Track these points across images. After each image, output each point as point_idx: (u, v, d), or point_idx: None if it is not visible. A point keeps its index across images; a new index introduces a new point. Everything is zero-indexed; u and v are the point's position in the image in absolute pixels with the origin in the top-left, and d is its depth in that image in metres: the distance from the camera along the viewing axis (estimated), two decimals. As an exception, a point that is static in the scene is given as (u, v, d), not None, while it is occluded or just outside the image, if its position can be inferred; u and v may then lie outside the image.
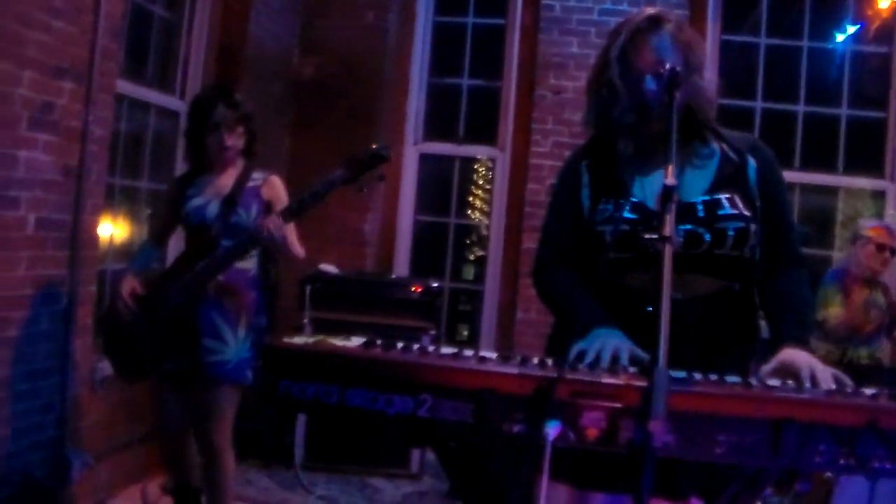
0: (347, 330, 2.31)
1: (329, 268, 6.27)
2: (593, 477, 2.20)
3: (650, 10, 2.52)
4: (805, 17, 7.17)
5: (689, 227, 2.37)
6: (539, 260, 2.67)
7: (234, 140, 4.24)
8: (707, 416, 1.84)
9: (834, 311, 5.61)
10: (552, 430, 1.81)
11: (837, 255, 6.78)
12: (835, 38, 7.10)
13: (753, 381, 2.00)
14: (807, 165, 7.11)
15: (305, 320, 5.75)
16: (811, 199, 7.14)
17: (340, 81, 7.13)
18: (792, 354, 2.22)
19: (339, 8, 7.21)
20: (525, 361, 2.02)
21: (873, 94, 7.09)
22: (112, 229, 5.43)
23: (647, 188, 2.44)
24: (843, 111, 7.10)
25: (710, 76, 2.63)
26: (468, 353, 2.07)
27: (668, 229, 1.83)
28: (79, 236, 4.63)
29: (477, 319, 7.35)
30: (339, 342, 2.10)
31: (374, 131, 7.10)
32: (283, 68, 7.08)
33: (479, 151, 7.52)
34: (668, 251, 1.79)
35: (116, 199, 5.51)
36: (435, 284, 6.07)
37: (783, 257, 2.51)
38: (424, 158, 7.49)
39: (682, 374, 1.96)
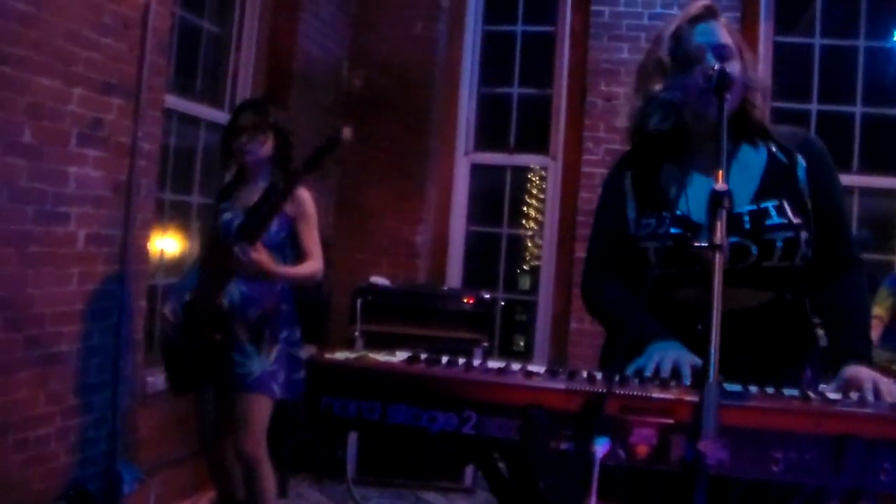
0: (399, 343, 2.26)
1: (380, 280, 6.26)
2: (644, 498, 2.12)
3: (705, 1, 2.46)
4: (861, 16, 7.02)
5: (735, 239, 2.26)
6: (586, 274, 2.60)
7: (256, 147, 4.26)
8: (763, 431, 1.75)
9: (880, 311, 5.50)
10: (601, 447, 1.74)
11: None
12: (892, 36, 6.96)
13: (812, 395, 1.91)
14: (866, 168, 6.94)
15: (357, 333, 5.74)
16: (871, 203, 6.96)
17: (391, 92, 7.15)
18: (855, 371, 2.13)
19: (389, 19, 7.24)
20: (573, 376, 1.95)
21: (934, 93, 6.92)
22: (163, 244, 5.46)
23: (692, 199, 2.35)
24: (902, 112, 6.94)
25: (762, 74, 2.56)
26: (514, 367, 2.01)
27: (718, 237, 1.75)
28: (129, 251, 4.66)
29: (531, 330, 7.28)
30: (382, 357, 2.05)
31: (425, 141, 7.15)
32: (334, 80, 7.10)
33: (531, 160, 7.47)
34: (718, 260, 1.72)
35: (167, 214, 5.54)
36: (487, 296, 6.02)
37: (838, 260, 2.42)
38: (476, 168, 7.45)
39: (737, 387, 1.89)
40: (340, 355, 2.07)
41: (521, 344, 7.38)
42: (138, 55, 4.65)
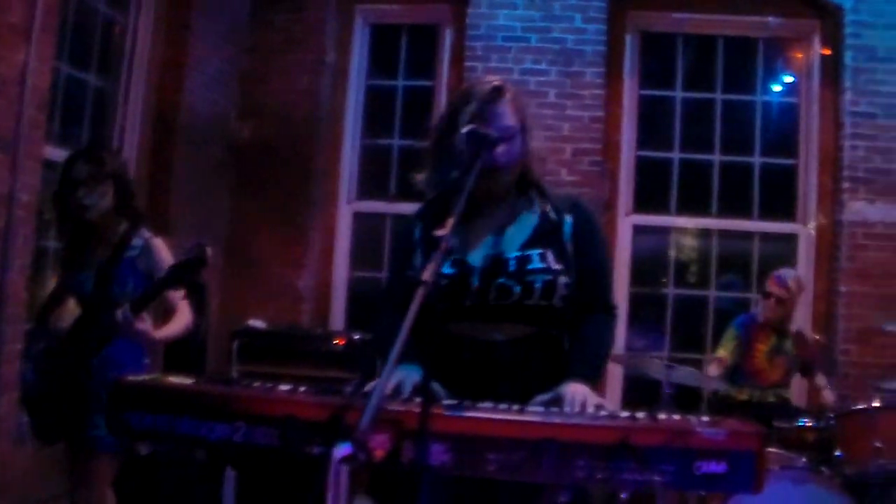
0: (280, 382, 2.49)
1: (257, 323, 6.51)
2: (390, 493, 2.44)
3: (495, 82, 2.82)
4: (717, 71, 7.52)
5: (502, 280, 2.66)
6: (379, 314, 2.95)
7: (95, 199, 4.08)
8: (479, 437, 2.10)
9: (723, 353, 5.95)
10: (341, 450, 2.05)
11: (755, 298, 7.00)
12: (748, 89, 7.47)
13: (523, 408, 2.26)
14: (724, 212, 7.42)
15: (234, 374, 5.98)
16: (729, 245, 7.42)
17: (277, 143, 7.44)
18: (569, 388, 2.51)
19: (276, 73, 7.54)
20: (325, 391, 2.29)
21: (783, 142, 7.43)
22: (39, 289, 5.66)
23: (468, 246, 2.74)
24: (756, 159, 7.42)
25: (541, 138, 2.95)
26: (283, 386, 2.34)
27: (426, 274, 2.10)
28: (5, 296, 4.83)
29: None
30: (175, 379, 2.37)
31: (309, 190, 7.43)
32: (222, 132, 7.36)
33: (411, 209, 7.62)
34: (420, 292, 2.06)
35: (49, 262, 5.74)
36: (357, 336, 6.28)
37: (593, 304, 2.80)
38: (358, 216, 7.73)
39: (455, 401, 2.23)
40: (138, 378, 2.39)
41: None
42: (17, 110, 4.84)
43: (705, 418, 2.18)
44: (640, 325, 7.34)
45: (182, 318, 4.23)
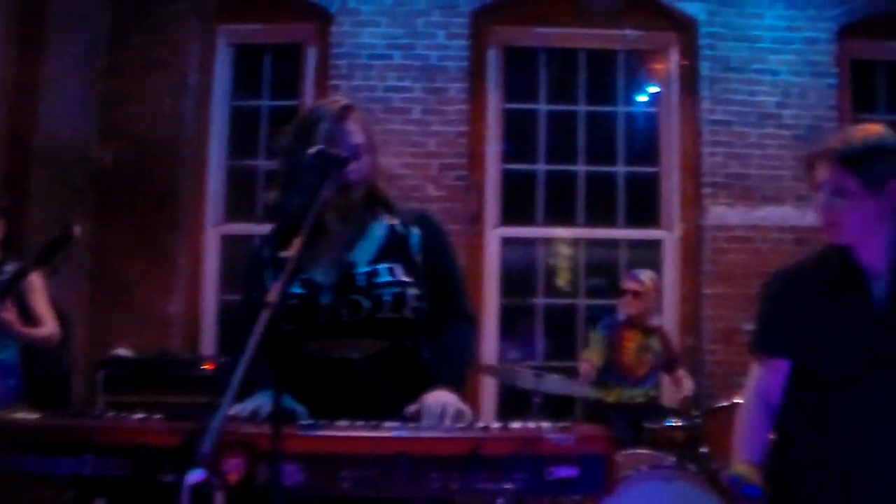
0: (145, 411, 2.42)
1: (124, 352, 6.33)
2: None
3: (343, 101, 2.83)
4: (580, 84, 7.68)
5: (352, 296, 2.67)
6: (231, 340, 2.94)
7: None
8: (332, 455, 2.09)
9: (591, 355, 6.09)
10: (193, 477, 2.02)
11: (622, 304, 7.15)
12: (610, 100, 7.65)
13: (377, 424, 2.26)
14: (590, 221, 7.57)
15: (100, 404, 5.81)
16: (596, 253, 7.58)
17: (140, 167, 7.23)
18: (433, 395, 2.52)
19: (137, 96, 7.34)
20: (181, 418, 2.24)
21: (646, 151, 7.62)
22: None
23: (317, 264, 2.74)
24: (620, 168, 7.59)
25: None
26: (136, 414, 2.29)
27: (272, 295, 2.09)
28: None
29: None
30: (17, 415, 2.29)
31: (174, 215, 7.26)
32: (83, 157, 7.14)
33: (279, 230, 7.63)
34: (265, 314, 2.04)
35: None
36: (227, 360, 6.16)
37: (449, 313, 2.83)
38: (225, 239, 7.59)
39: (311, 421, 2.22)
40: (-22, 417, 2.31)
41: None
42: None
43: (559, 424, 2.20)
44: (511, 336, 7.41)
45: (48, 327, 4.47)
